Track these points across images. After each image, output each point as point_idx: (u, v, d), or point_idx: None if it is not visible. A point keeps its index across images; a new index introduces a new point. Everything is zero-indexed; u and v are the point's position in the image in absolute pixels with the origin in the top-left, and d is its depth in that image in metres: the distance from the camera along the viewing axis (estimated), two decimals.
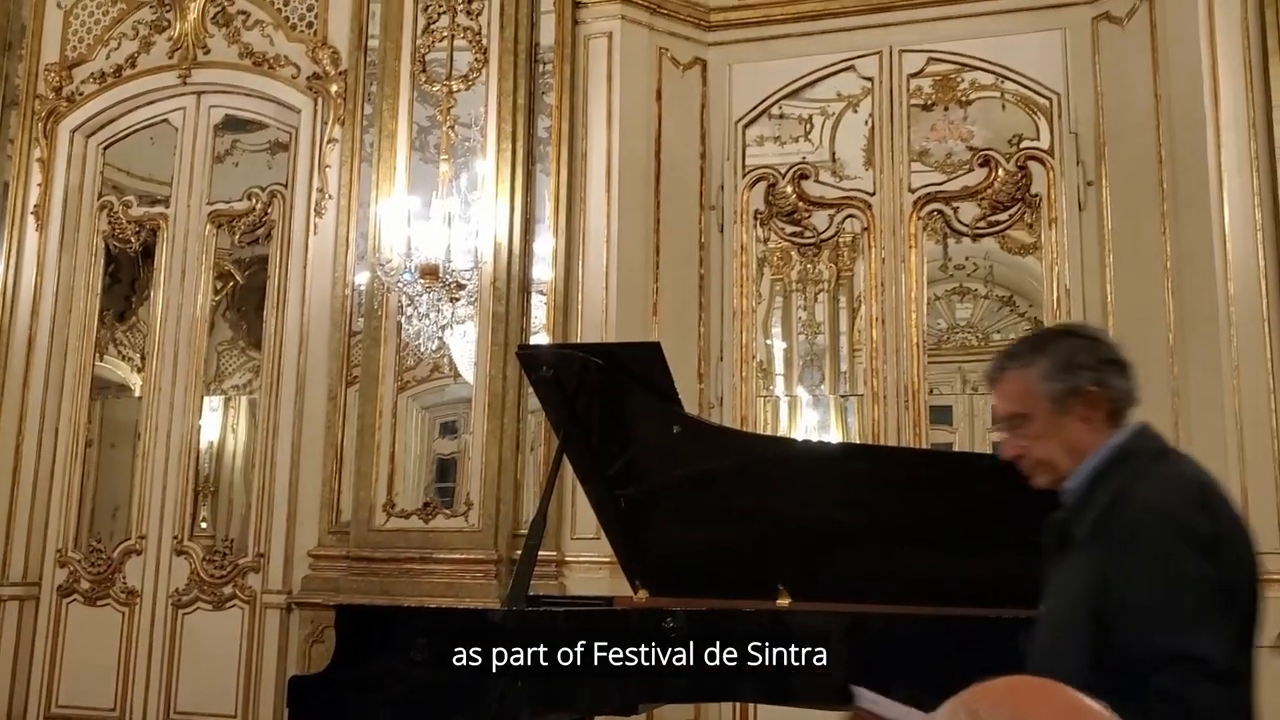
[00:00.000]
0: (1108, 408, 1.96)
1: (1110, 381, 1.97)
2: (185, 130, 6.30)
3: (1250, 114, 4.76)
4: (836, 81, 5.80)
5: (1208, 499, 1.86)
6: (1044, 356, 1.99)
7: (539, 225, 5.53)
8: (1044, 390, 1.96)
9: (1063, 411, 1.95)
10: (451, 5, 5.73)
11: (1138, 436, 1.96)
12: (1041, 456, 1.98)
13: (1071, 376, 1.96)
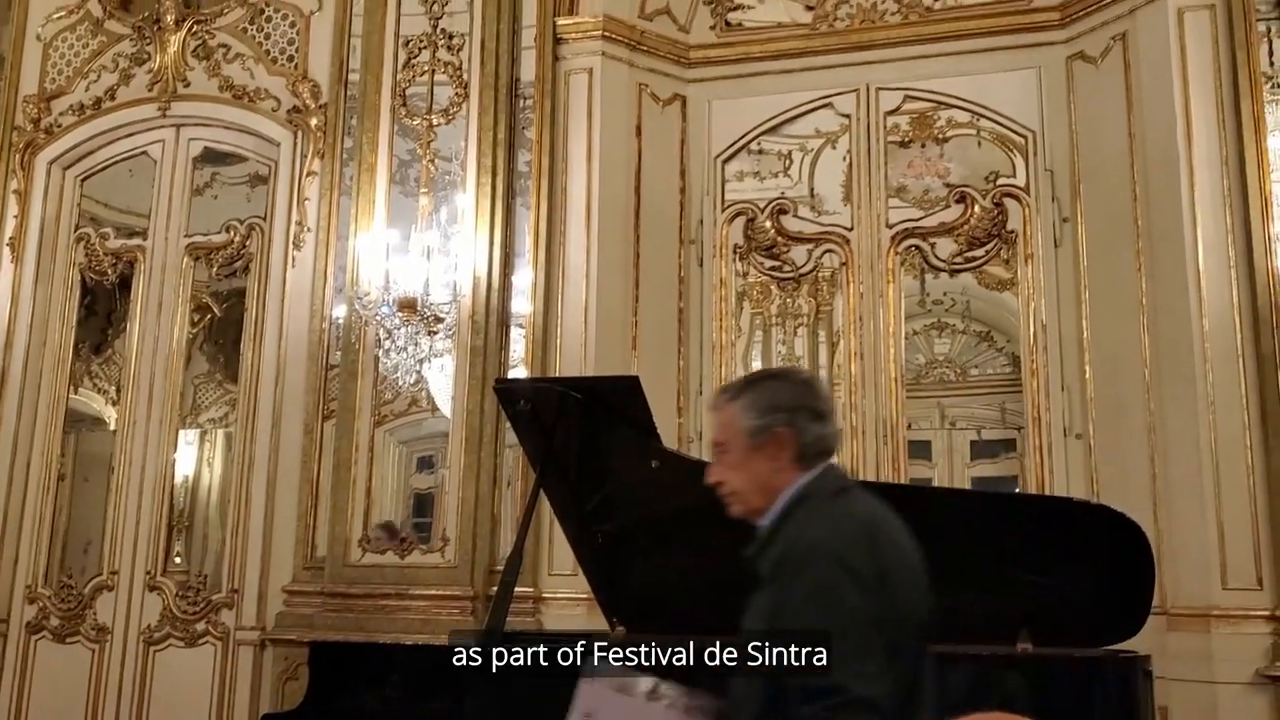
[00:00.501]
0: (796, 450, 2.01)
1: (802, 426, 2.02)
2: (164, 162, 6.28)
3: (1223, 152, 4.83)
4: (815, 118, 5.84)
5: (875, 537, 1.92)
6: (749, 394, 2.07)
7: (518, 259, 5.53)
8: (742, 425, 2.04)
9: (755, 448, 2.03)
10: (432, 41, 5.76)
11: (820, 477, 2.02)
12: (734, 487, 2.06)
13: (767, 417, 2.03)
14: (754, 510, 2.04)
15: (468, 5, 5.76)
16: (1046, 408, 5.15)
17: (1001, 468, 5.74)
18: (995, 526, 3.82)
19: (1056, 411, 5.14)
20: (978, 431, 5.87)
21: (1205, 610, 4.58)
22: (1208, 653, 4.53)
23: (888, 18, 5.76)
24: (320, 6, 6.09)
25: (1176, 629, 4.60)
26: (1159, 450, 4.82)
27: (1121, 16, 5.21)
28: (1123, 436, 4.97)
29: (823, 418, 2.05)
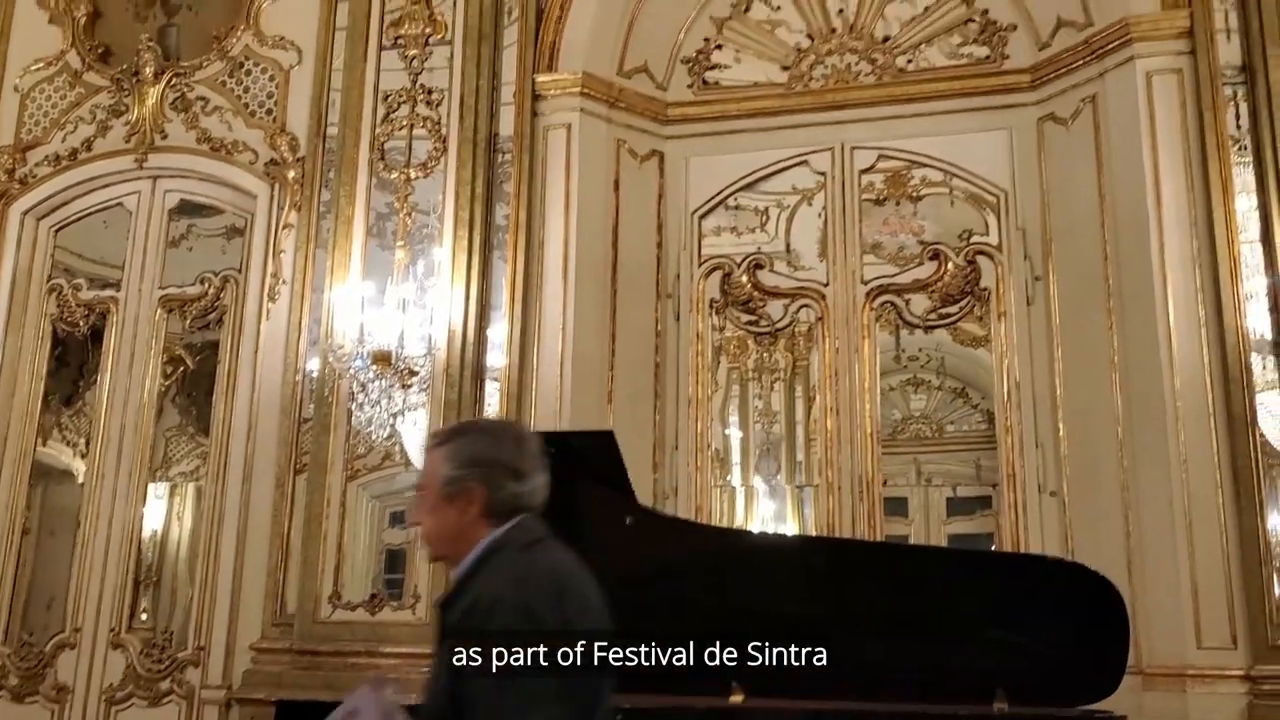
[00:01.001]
0: (485, 506, 2.03)
1: (496, 482, 2.04)
2: (139, 214, 6.26)
3: (1192, 214, 4.90)
4: (791, 175, 5.90)
5: (562, 588, 1.94)
6: (451, 444, 2.10)
7: (494, 312, 5.52)
8: (440, 474, 2.06)
9: (448, 498, 2.05)
10: (412, 95, 5.79)
11: (513, 529, 2.03)
12: (426, 532, 2.11)
13: (462, 469, 2.05)
14: (445, 557, 2.09)
15: (447, 61, 5.81)
16: (1021, 465, 5.17)
17: (977, 525, 5.73)
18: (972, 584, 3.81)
19: (1031, 469, 5.16)
20: (953, 488, 5.87)
21: (1180, 670, 4.56)
22: (1184, 713, 4.51)
23: (862, 79, 5.84)
24: (300, 61, 6.12)
25: (1152, 688, 4.58)
26: (1132, 508, 4.83)
27: (1091, 80, 5.31)
28: (1096, 494, 4.98)
29: (522, 476, 2.06)
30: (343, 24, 6.01)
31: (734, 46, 6.06)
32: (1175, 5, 5.11)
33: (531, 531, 2.04)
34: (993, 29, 5.69)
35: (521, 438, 2.18)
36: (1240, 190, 4.87)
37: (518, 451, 2.09)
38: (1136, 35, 5.12)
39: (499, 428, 2.44)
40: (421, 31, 5.85)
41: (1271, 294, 4.72)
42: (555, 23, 5.84)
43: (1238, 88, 4.98)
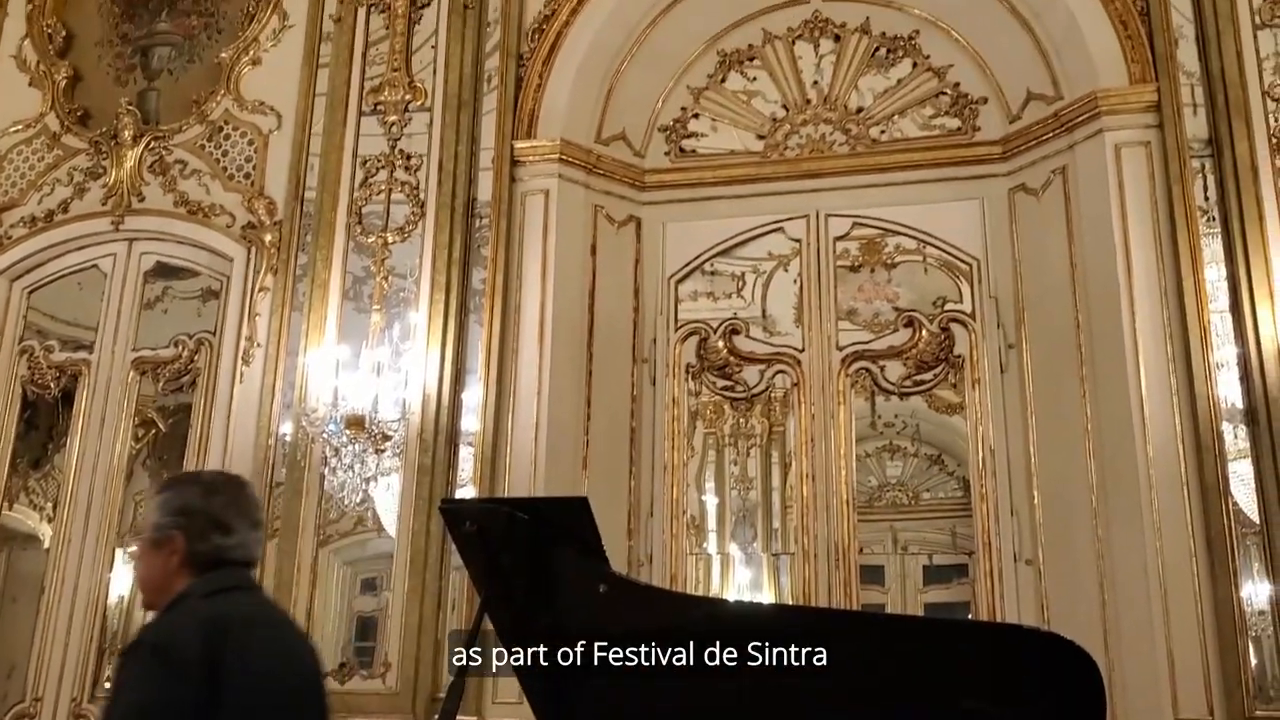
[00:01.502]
0: (185, 556, 2.08)
1: (200, 534, 2.08)
2: (115, 276, 6.23)
3: (1162, 283, 4.96)
4: (767, 241, 5.95)
5: (221, 633, 1.96)
6: (165, 493, 2.16)
7: (470, 376, 5.50)
8: (151, 521, 2.13)
9: (154, 545, 2.10)
10: (390, 161, 5.83)
11: (204, 580, 2.07)
12: (138, 578, 2.17)
13: (168, 518, 2.10)
14: (151, 605, 2.13)
15: (426, 127, 5.86)
16: (996, 533, 5.15)
17: (954, 593, 5.71)
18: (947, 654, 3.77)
19: (1006, 537, 5.14)
20: (930, 556, 5.85)
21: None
22: None
23: (836, 148, 5.92)
24: (279, 126, 6.16)
25: None
26: (1108, 577, 4.82)
27: (1061, 151, 5.40)
28: (1072, 562, 4.97)
29: (228, 530, 2.09)
30: (323, 90, 6.06)
31: (710, 115, 6.14)
32: (1143, 80, 5.22)
33: (222, 581, 2.07)
34: (964, 101, 5.80)
35: (238, 493, 2.21)
36: (1209, 260, 4.93)
37: (228, 505, 2.13)
38: (1105, 109, 5.22)
39: (217, 480, 2.43)
40: (401, 98, 5.90)
41: (1242, 363, 4.76)
42: (534, 90, 5.91)
43: (1205, 160, 5.06)
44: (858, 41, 6.00)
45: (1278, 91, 4.96)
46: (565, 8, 5.97)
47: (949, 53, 5.86)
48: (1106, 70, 5.28)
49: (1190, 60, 5.18)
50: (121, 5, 6.71)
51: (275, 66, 6.27)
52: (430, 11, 6.02)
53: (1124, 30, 5.27)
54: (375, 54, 6.03)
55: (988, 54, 5.77)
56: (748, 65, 6.14)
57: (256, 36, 6.35)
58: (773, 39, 6.13)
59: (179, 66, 6.53)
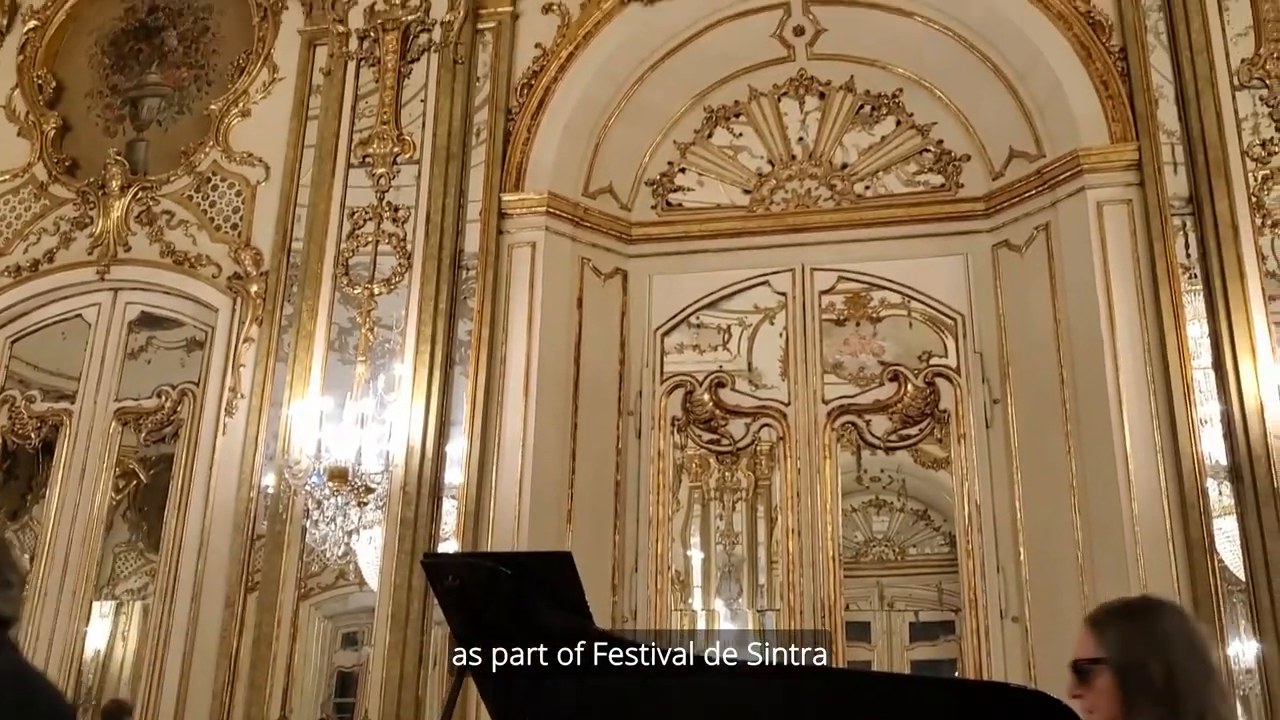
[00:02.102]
0: None
1: None
2: (99, 326, 6.21)
3: (1145, 339, 4.98)
4: (753, 294, 5.96)
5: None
6: None
7: (454, 428, 5.47)
8: None
9: None
10: (378, 212, 5.84)
11: None
12: None
13: None
14: None
15: (415, 180, 5.88)
16: (983, 589, 5.12)
17: (941, 650, 5.67)
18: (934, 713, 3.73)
19: (993, 593, 5.11)
20: (916, 613, 5.82)
21: None
22: None
23: (821, 203, 5.96)
24: (267, 177, 6.19)
25: None
26: None
27: (1044, 208, 5.45)
28: (1058, 619, 4.93)
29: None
30: (311, 142, 6.10)
31: (697, 170, 6.18)
32: (1123, 139, 5.28)
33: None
34: (947, 158, 5.86)
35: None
36: (1192, 317, 4.96)
37: None
38: (1087, 167, 5.28)
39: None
40: (390, 151, 5.93)
41: (1225, 420, 4.77)
42: (522, 144, 5.95)
43: (1186, 218, 5.11)
44: (842, 99, 6.07)
45: (1257, 151, 5.02)
46: (554, 64, 6.04)
47: (932, 111, 5.93)
48: (1088, 129, 5.34)
49: (1170, 120, 5.24)
50: (112, 57, 6.76)
51: (264, 118, 6.31)
52: (420, 66, 6.08)
53: (1105, 90, 5.35)
54: (365, 107, 6.07)
55: (971, 112, 5.84)
56: (734, 121, 6.20)
57: (246, 89, 6.39)
58: (759, 96, 6.20)
59: (168, 118, 6.57)
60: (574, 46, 6.06)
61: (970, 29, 5.73)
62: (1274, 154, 5.02)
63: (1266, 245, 4.95)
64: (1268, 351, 4.73)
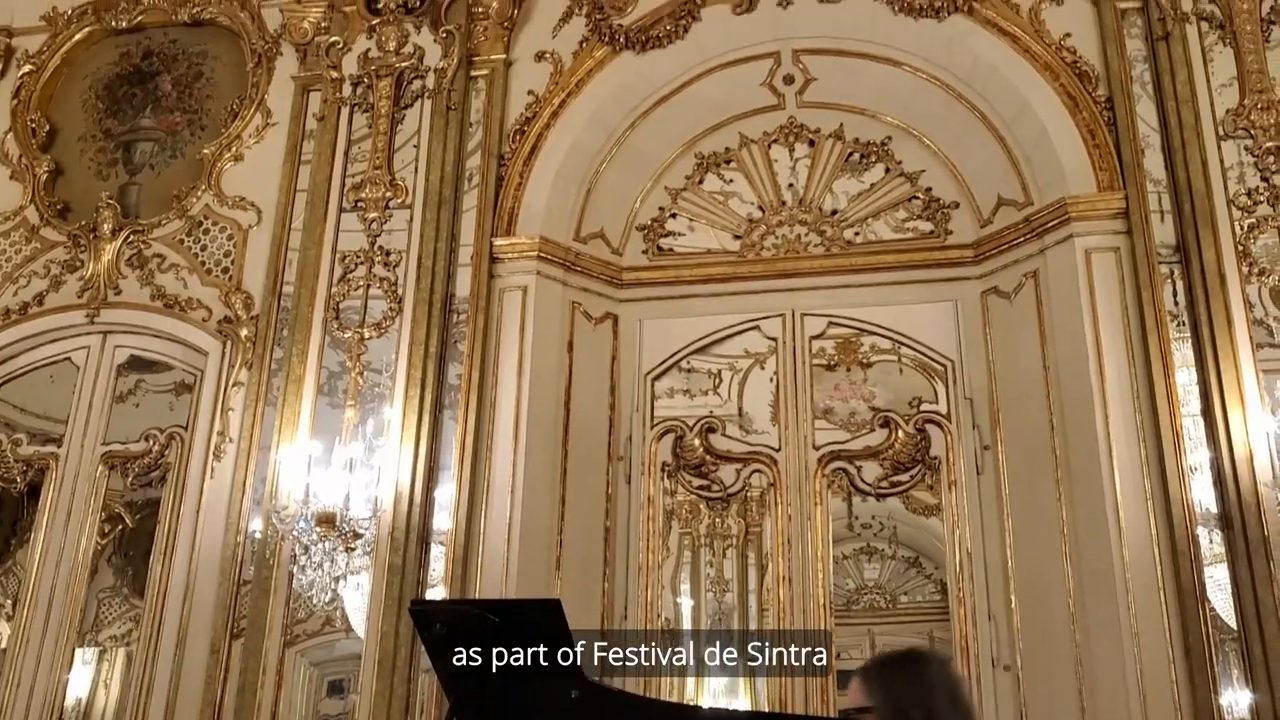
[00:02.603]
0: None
1: None
2: (87, 369, 6.19)
3: (1134, 387, 4.99)
4: (743, 339, 5.97)
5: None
6: None
7: (443, 473, 5.44)
8: None
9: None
10: (369, 256, 5.85)
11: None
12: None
13: None
14: None
15: (407, 224, 5.90)
16: (974, 637, 5.09)
17: None
18: None
19: (984, 641, 5.08)
20: None
21: None
22: None
23: (811, 249, 5.99)
24: (259, 221, 6.20)
25: None
26: (1086, 683, 4.76)
27: (1032, 256, 5.48)
28: (1050, 668, 4.91)
29: None
30: (304, 186, 6.12)
31: (688, 215, 6.21)
32: (1111, 187, 5.33)
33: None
34: (936, 205, 5.90)
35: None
36: (1180, 365, 4.97)
37: None
38: (1075, 215, 5.32)
39: None
40: (382, 195, 5.95)
41: (1215, 468, 4.77)
42: (515, 189, 5.98)
43: (1174, 266, 5.14)
44: (832, 146, 6.12)
45: (1243, 200, 5.06)
46: (546, 110, 6.08)
47: (921, 158, 5.98)
48: (1075, 178, 5.39)
49: (1157, 168, 5.29)
50: (106, 101, 6.80)
51: (257, 163, 6.34)
52: (413, 112, 6.12)
53: (1092, 140, 5.40)
54: (357, 152, 6.09)
55: (959, 160, 5.89)
56: (725, 167, 6.25)
57: (239, 133, 6.42)
58: (749, 142, 6.25)
59: (161, 161, 6.59)
60: (566, 94, 6.11)
61: (958, 79, 5.80)
62: (1259, 203, 5.06)
63: (1254, 293, 4.98)
64: (1256, 399, 4.74)
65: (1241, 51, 5.27)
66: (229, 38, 6.72)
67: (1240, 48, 5.28)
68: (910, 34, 5.81)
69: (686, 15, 6.04)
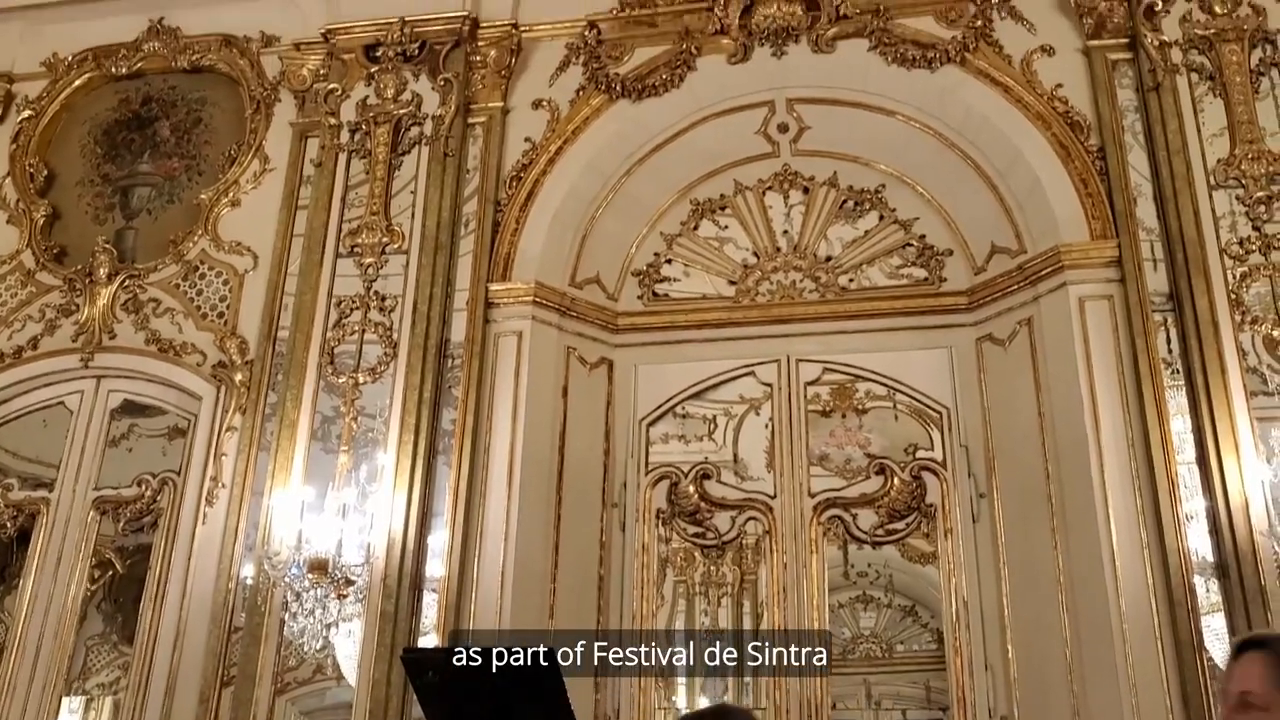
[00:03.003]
0: None
1: None
2: (80, 414, 6.16)
3: (1129, 435, 4.98)
4: (739, 385, 5.98)
5: None
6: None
7: (436, 519, 5.41)
8: None
9: None
10: (365, 301, 5.85)
11: None
12: None
13: None
14: None
15: (403, 269, 5.90)
16: (971, 687, 5.05)
17: None
18: None
19: (981, 691, 5.04)
20: (904, 712, 5.72)
21: None
22: None
23: (806, 295, 6.01)
24: (255, 266, 6.21)
25: None
26: None
27: (1026, 303, 5.50)
28: (1047, 718, 4.85)
29: None
30: (300, 231, 6.13)
31: (683, 261, 6.24)
32: (1103, 236, 5.35)
33: None
34: (930, 253, 5.93)
35: None
36: (1175, 413, 4.97)
37: None
38: (1068, 263, 5.34)
39: None
40: (379, 240, 5.96)
41: (1211, 516, 4.75)
42: (511, 234, 6.00)
43: (1167, 314, 5.15)
44: (826, 193, 6.16)
45: (1235, 249, 5.08)
46: (543, 157, 6.12)
47: (915, 206, 6.02)
48: (1068, 226, 5.41)
49: (1149, 217, 5.32)
50: (104, 146, 6.83)
51: (254, 208, 6.36)
52: (411, 158, 6.15)
53: (1084, 188, 5.43)
54: (354, 197, 6.11)
55: (952, 208, 5.93)
56: (720, 214, 6.29)
57: (237, 179, 6.45)
58: (744, 189, 6.29)
59: (158, 206, 6.62)
60: (563, 141, 6.15)
61: (950, 128, 5.85)
62: (1251, 252, 5.08)
63: (1247, 341, 4.98)
64: (1251, 448, 4.73)
65: (1231, 102, 5.31)
66: (228, 84, 6.77)
67: (1230, 98, 5.32)
68: (903, 84, 5.86)
69: (682, 65, 6.09)
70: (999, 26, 5.82)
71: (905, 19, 5.90)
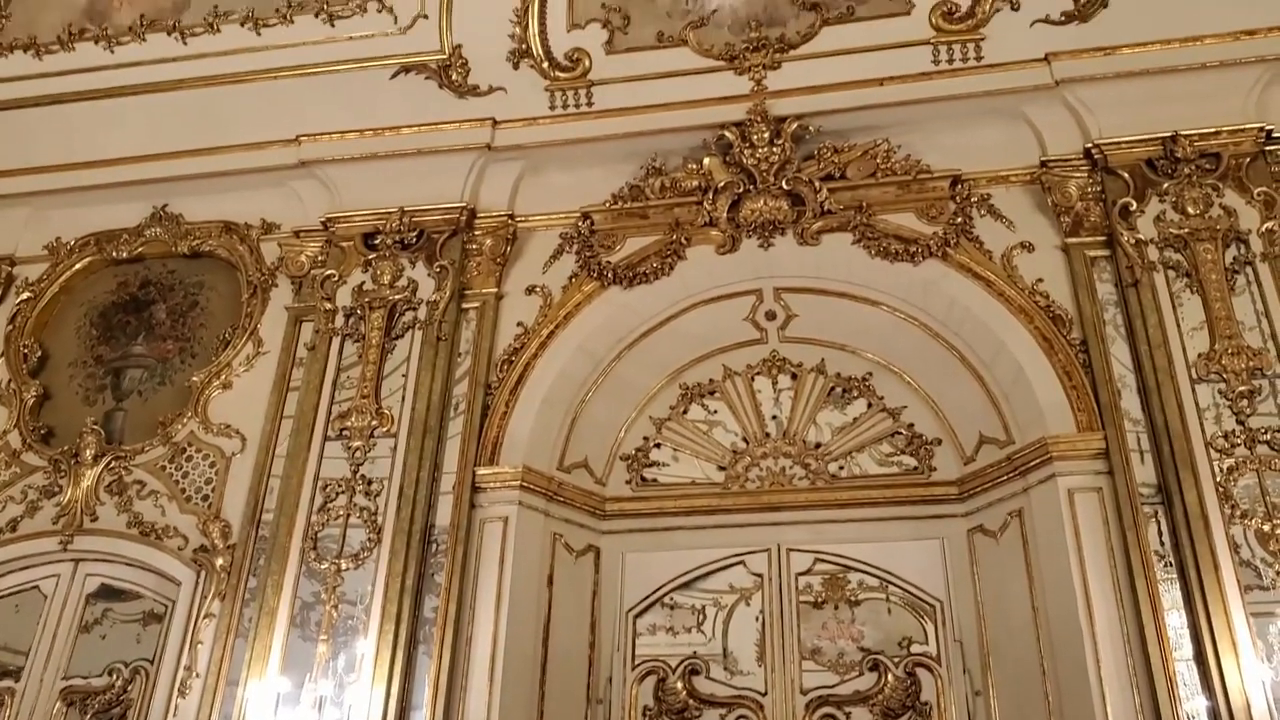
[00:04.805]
0: None
1: None
2: (55, 599, 6.02)
3: (1124, 629, 4.87)
4: (729, 574, 5.89)
5: None
6: None
7: (415, 713, 5.23)
8: None
9: None
10: (351, 485, 5.81)
11: None
12: None
13: None
14: None
15: (390, 452, 5.88)
16: None
17: None
18: None
19: None
20: None
21: None
22: None
23: (796, 482, 5.99)
24: (243, 448, 6.19)
25: None
26: None
27: (1016, 494, 5.47)
28: None
29: None
30: (290, 413, 6.14)
31: (672, 445, 6.24)
32: (1090, 427, 5.36)
33: None
34: (919, 441, 5.94)
35: None
36: (1170, 607, 4.87)
37: None
38: (1056, 454, 5.32)
39: None
40: (368, 424, 5.96)
41: (1212, 716, 4.59)
42: (500, 418, 6.01)
43: (1157, 506, 5.10)
44: (814, 380, 6.22)
45: (1220, 443, 5.08)
46: (535, 341, 6.19)
47: (902, 394, 6.07)
48: (1054, 417, 5.43)
49: (1135, 408, 5.33)
50: (100, 328, 6.91)
51: (245, 390, 6.39)
52: (404, 342, 6.21)
53: (1069, 380, 5.48)
54: (346, 379, 6.15)
55: (939, 397, 5.97)
56: (709, 398, 6.33)
57: (230, 361, 6.50)
58: (733, 374, 6.35)
59: (149, 388, 6.65)
60: (555, 325, 6.23)
61: (935, 319, 5.95)
62: (1236, 445, 5.08)
63: (1239, 535, 4.92)
64: (1249, 645, 4.62)
65: (1209, 299, 5.41)
66: (226, 269, 6.90)
67: (1207, 295, 5.42)
68: (888, 276, 5.99)
69: (672, 254, 6.24)
70: (979, 223, 5.99)
71: (887, 215, 6.07)
